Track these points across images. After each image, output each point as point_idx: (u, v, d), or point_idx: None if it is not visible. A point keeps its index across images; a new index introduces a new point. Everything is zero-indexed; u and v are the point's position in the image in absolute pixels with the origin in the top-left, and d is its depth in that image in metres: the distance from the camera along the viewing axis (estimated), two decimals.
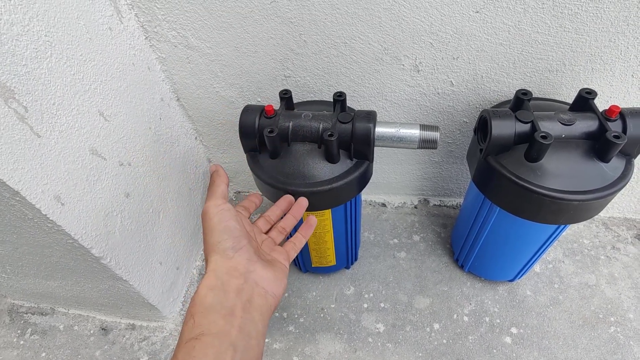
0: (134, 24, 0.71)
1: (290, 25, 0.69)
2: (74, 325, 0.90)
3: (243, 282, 0.40)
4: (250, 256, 0.43)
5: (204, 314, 0.37)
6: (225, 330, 0.36)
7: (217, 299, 0.38)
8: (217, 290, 0.38)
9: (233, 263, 0.41)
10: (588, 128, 0.60)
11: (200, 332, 0.35)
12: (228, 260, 0.41)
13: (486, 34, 0.66)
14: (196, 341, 0.35)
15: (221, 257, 0.41)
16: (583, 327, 0.83)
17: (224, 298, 0.38)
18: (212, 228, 0.45)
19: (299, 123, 0.64)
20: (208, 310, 0.37)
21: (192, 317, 0.37)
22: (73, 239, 0.59)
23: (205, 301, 0.37)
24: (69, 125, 0.57)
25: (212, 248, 0.43)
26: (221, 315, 0.37)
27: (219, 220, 0.45)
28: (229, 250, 0.42)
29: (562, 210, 0.59)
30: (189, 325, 0.36)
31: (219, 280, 0.39)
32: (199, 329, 0.36)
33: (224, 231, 0.44)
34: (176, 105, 0.86)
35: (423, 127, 0.62)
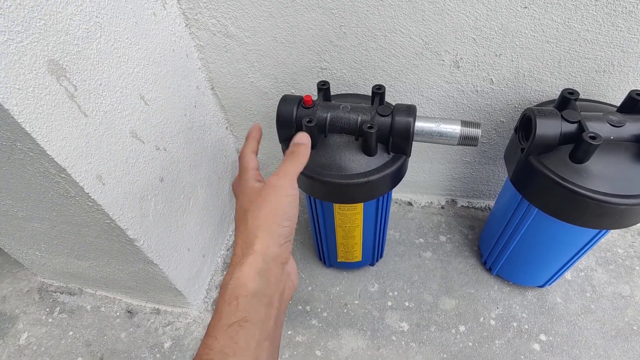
0: (176, 11, 0.72)
1: (331, 15, 0.68)
2: (100, 307, 0.92)
3: (281, 272, 0.39)
4: (291, 247, 0.43)
5: (249, 299, 0.35)
6: (265, 320, 0.35)
7: (262, 285, 0.36)
8: (263, 275, 0.37)
9: (281, 251, 0.39)
10: (638, 130, 0.57)
11: (244, 317, 0.34)
12: (278, 247, 0.39)
13: (532, 31, 0.64)
14: (240, 328, 0.33)
15: (273, 242, 0.39)
16: (616, 338, 0.80)
17: (267, 286, 0.37)
18: (278, 208, 0.40)
19: (337, 114, 0.63)
20: (253, 296, 0.35)
21: (236, 298, 0.35)
22: (111, 219, 0.60)
23: (251, 285, 0.36)
24: (113, 106, 0.58)
25: (267, 228, 0.39)
26: (263, 304, 0.36)
27: (289, 204, 0.41)
28: (282, 238, 0.40)
29: (607, 214, 0.57)
30: (232, 307, 0.35)
31: (266, 266, 0.37)
32: (242, 314, 0.34)
33: (288, 218, 0.40)
34: (210, 94, 0.87)
35: (464, 123, 0.61)
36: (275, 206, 0.40)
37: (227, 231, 1.02)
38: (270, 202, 0.40)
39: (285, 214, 0.40)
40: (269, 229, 0.39)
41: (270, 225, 0.39)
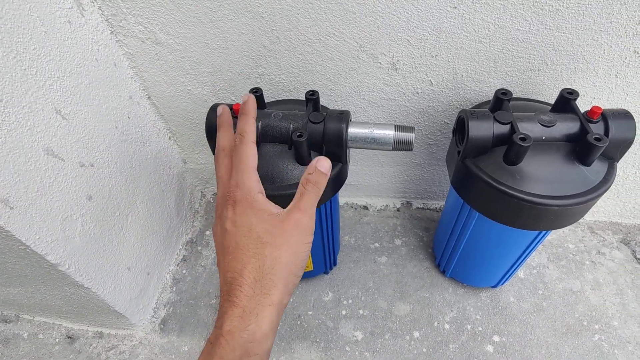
0: (98, 18, 0.67)
1: (261, 20, 0.66)
2: (38, 333, 0.86)
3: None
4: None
5: (260, 358, 0.32)
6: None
7: (272, 341, 0.34)
8: (274, 331, 0.34)
9: (287, 302, 0.36)
10: (569, 130, 0.57)
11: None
12: (288, 297, 0.35)
13: (465, 31, 0.63)
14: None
15: (287, 293, 0.35)
16: (567, 335, 0.80)
17: (273, 340, 0.34)
18: (298, 255, 0.36)
19: (269, 123, 0.60)
20: (265, 355, 0.33)
21: (248, 356, 0.31)
22: (25, 245, 0.56)
23: (267, 344, 0.33)
24: (20, 123, 0.53)
25: (285, 278, 0.35)
26: (267, 357, 0.34)
27: (307, 252, 0.37)
28: (293, 288, 0.36)
29: (541, 216, 0.57)
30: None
31: (278, 320, 0.34)
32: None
33: (303, 267, 0.37)
34: (147, 104, 0.83)
35: (398, 127, 0.59)
36: (296, 251, 0.36)
37: (175, 246, 0.98)
38: (292, 244, 0.35)
39: (302, 263, 0.36)
40: (286, 280, 0.35)
41: (288, 275, 0.35)
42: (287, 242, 0.35)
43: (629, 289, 0.86)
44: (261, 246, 0.35)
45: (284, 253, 0.35)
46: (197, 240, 1.01)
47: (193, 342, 0.83)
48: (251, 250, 0.35)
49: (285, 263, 0.34)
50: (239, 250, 0.35)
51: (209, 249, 0.99)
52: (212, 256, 0.98)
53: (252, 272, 0.34)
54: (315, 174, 0.40)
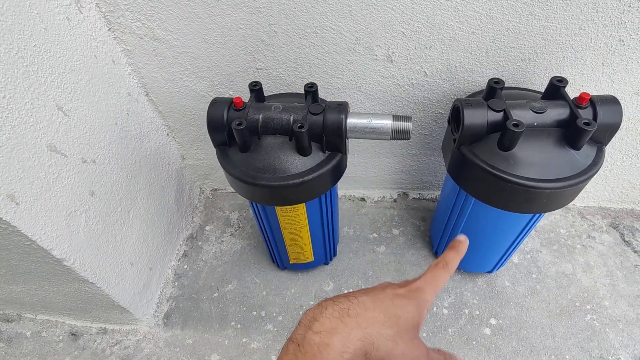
0: (95, 14, 0.68)
1: (258, 14, 0.67)
2: (41, 332, 0.87)
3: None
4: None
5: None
6: None
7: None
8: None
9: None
10: (559, 116, 0.59)
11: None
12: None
13: (458, 23, 0.65)
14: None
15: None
16: (560, 315, 0.83)
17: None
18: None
19: (269, 115, 0.62)
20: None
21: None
22: (30, 240, 0.56)
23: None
24: (23, 119, 0.54)
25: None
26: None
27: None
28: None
29: (534, 199, 0.59)
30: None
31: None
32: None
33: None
34: (145, 101, 0.83)
35: (395, 117, 0.61)
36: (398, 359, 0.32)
37: (176, 241, 0.99)
38: (403, 355, 0.31)
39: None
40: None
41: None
42: (406, 350, 0.32)
43: (618, 271, 0.89)
44: (394, 321, 0.32)
45: (399, 348, 0.31)
46: (197, 235, 1.02)
47: (197, 335, 0.84)
48: (386, 312, 0.32)
49: (393, 353, 0.31)
50: (379, 301, 0.33)
51: (209, 244, 1.00)
52: (212, 251, 0.99)
53: (375, 320, 0.31)
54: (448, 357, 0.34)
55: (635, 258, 0.91)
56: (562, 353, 0.78)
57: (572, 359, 0.77)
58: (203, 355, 0.81)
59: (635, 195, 0.98)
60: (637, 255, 0.92)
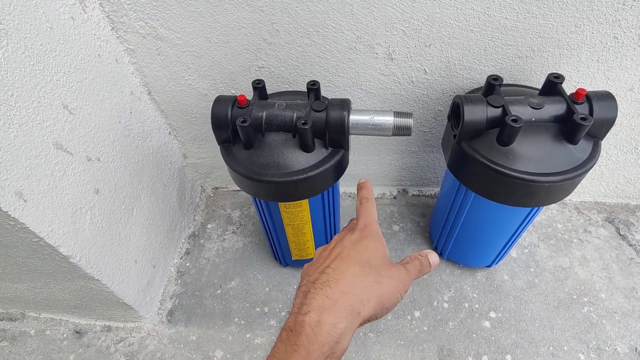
0: (99, 14, 0.69)
1: (261, 13, 0.68)
2: (45, 330, 0.87)
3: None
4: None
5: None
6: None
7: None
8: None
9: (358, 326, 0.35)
10: (556, 111, 0.61)
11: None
12: (365, 321, 0.35)
13: (457, 21, 0.66)
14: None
15: (369, 317, 0.34)
16: (558, 308, 0.85)
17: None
18: (398, 297, 0.36)
19: (273, 112, 0.63)
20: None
21: (332, 355, 0.31)
22: (38, 237, 0.57)
23: (344, 349, 0.33)
24: (30, 118, 0.55)
25: (378, 306, 0.34)
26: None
27: (401, 298, 0.37)
28: (374, 319, 0.35)
29: (534, 193, 0.60)
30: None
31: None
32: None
33: (390, 309, 0.36)
34: (147, 99, 0.84)
35: (397, 113, 0.62)
36: (393, 294, 0.36)
37: (178, 239, 0.99)
38: (392, 287, 0.36)
39: (391, 307, 0.36)
40: (376, 306, 0.34)
41: (380, 304, 0.34)
42: (391, 280, 0.36)
43: (614, 264, 0.91)
44: (369, 266, 0.36)
45: (385, 285, 0.35)
46: (200, 233, 1.03)
47: (201, 331, 0.85)
48: (359, 264, 0.36)
49: (384, 293, 0.35)
50: (349, 258, 0.37)
51: (211, 242, 1.01)
52: (214, 249, 1.00)
53: (355, 276, 0.34)
54: (425, 261, 0.40)
55: (631, 251, 0.93)
56: (560, 345, 0.80)
57: (570, 350, 0.79)
58: (207, 351, 0.82)
59: (630, 190, 1.00)
60: (632, 249, 0.94)
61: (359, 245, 0.38)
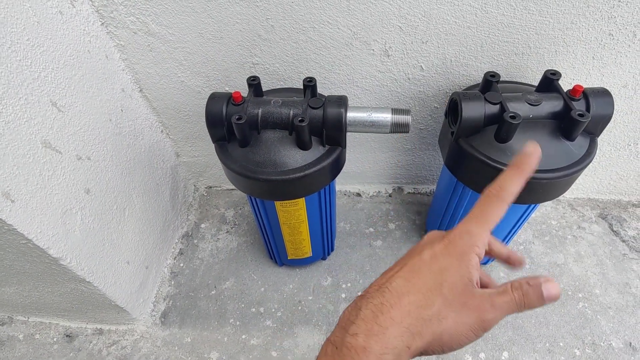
0: (88, 8, 0.67)
1: (255, 8, 0.66)
2: (34, 334, 0.85)
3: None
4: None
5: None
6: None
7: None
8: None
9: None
10: (554, 108, 0.61)
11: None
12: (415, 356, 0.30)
13: (454, 17, 0.66)
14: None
15: (420, 352, 0.29)
16: (553, 304, 0.85)
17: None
18: (455, 343, 0.29)
19: (269, 109, 0.62)
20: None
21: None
22: (27, 239, 0.55)
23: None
24: (17, 115, 0.53)
25: (434, 341, 0.29)
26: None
27: (463, 343, 0.29)
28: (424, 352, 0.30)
29: (531, 189, 0.60)
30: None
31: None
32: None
33: (449, 348, 0.30)
34: (139, 97, 0.82)
35: (394, 111, 0.62)
36: (460, 330, 0.29)
37: (171, 239, 0.98)
38: (461, 323, 0.29)
39: (453, 345, 0.30)
40: (430, 344, 0.29)
41: (435, 340, 0.29)
42: (460, 316, 0.29)
43: (608, 260, 0.92)
44: (437, 294, 0.30)
45: (451, 319, 0.29)
46: (193, 233, 1.01)
47: (195, 333, 0.84)
48: (426, 287, 0.30)
49: (446, 328, 0.29)
50: (416, 277, 0.30)
51: (205, 241, 1.00)
52: (208, 249, 0.98)
53: (412, 305, 0.29)
54: (533, 289, 0.29)
55: (624, 247, 0.94)
56: (556, 340, 0.80)
57: (566, 346, 0.79)
58: (202, 353, 0.81)
59: (622, 187, 1.01)
60: (625, 245, 0.94)
61: (437, 262, 0.30)
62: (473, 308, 0.29)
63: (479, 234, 0.30)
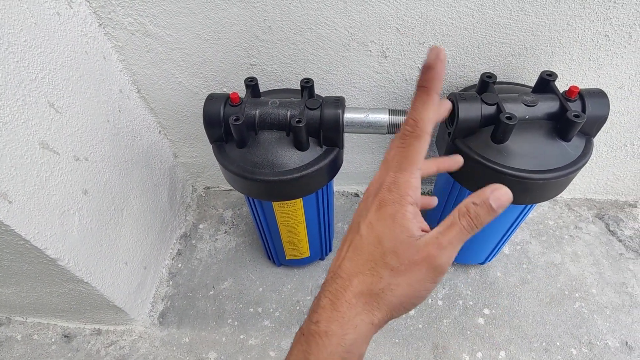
0: (85, 10, 0.67)
1: (253, 9, 0.66)
2: (33, 335, 0.85)
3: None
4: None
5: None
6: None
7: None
8: (366, 348, 0.32)
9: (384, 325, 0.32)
10: (550, 109, 0.61)
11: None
12: (385, 323, 0.31)
13: (450, 18, 0.66)
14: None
15: (388, 319, 0.31)
16: (550, 304, 0.86)
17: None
18: (416, 295, 0.30)
19: (266, 110, 0.62)
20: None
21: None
22: (24, 240, 0.55)
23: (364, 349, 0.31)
24: (14, 116, 0.53)
25: (394, 311, 0.30)
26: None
27: (425, 297, 0.30)
28: (397, 316, 0.31)
29: (528, 190, 0.60)
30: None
31: (370, 339, 0.31)
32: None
33: (414, 306, 0.31)
34: (137, 98, 0.82)
35: (392, 112, 0.62)
36: (416, 288, 0.30)
37: (169, 240, 0.98)
38: (415, 280, 0.30)
39: (418, 301, 0.31)
40: (393, 309, 0.30)
41: (398, 305, 0.30)
42: (411, 276, 0.30)
43: (605, 259, 0.92)
44: (382, 266, 0.30)
45: (402, 284, 0.30)
46: (191, 234, 1.01)
47: (194, 333, 0.84)
48: (370, 263, 0.31)
49: (400, 295, 0.30)
50: (359, 256, 0.31)
51: (203, 242, 1.00)
52: (206, 249, 0.98)
53: (362, 284, 0.30)
54: (481, 207, 0.27)
55: (620, 247, 0.95)
56: (553, 340, 0.81)
57: (563, 345, 0.80)
58: (200, 353, 0.81)
59: (619, 187, 1.01)
60: (621, 244, 0.95)
61: (372, 233, 0.31)
62: (421, 262, 0.28)
63: (407, 180, 0.30)
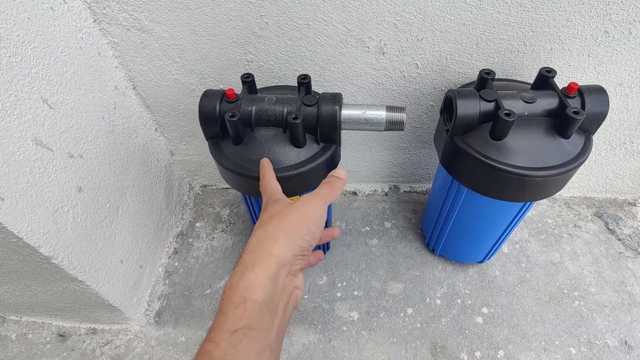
0: (80, 5, 0.66)
1: (250, 5, 0.66)
2: (27, 334, 0.84)
3: (290, 282, 0.37)
4: (304, 263, 0.41)
5: (257, 305, 0.33)
6: (268, 329, 0.34)
7: (271, 292, 0.35)
8: (273, 282, 0.35)
9: (294, 261, 0.37)
10: (549, 105, 0.60)
11: (248, 324, 0.32)
12: (292, 257, 0.37)
13: (449, 14, 0.66)
14: (243, 336, 0.32)
15: (290, 251, 0.37)
16: (549, 303, 0.85)
17: (274, 293, 0.35)
18: (304, 221, 0.39)
19: (262, 107, 0.61)
20: (262, 302, 0.34)
21: (244, 302, 0.33)
22: (17, 237, 0.54)
23: (262, 292, 0.34)
24: (7, 112, 0.52)
25: (288, 236, 0.37)
26: (268, 312, 0.34)
27: (315, 222, 0.39)
28: (299, 249, 0.38)
29: (526, 187, 0.60)
30: (239, 311, 0.33)
31: (277, 272, 0.36)
32: (247, 320, 0.33)
33: (310, 233, 0.39)
34: (133, 94, 0.81)
35: (389, 108, 0.61)
36: (301, 218, 0.39)
37: (166, 238, 0.97)
38: (297, 214, 0.39)
39: (309, 229, 0.39)
40: (289, 237, 0.37)
41: (291, 233, 0.38)
42: (293, 212, 0.39)
43: (604, 258, 0.92)
44: (268, 219, 0.39)
45: (288, 218, 0.38)
46: (188, 232, 1.01)
47: (190, 332, 0.83)
48: (261, 226, 0.39)
49: (289, 225, 0.38)
50: (253, 232, 0.39)
51: (200, 240, 0.99)
52: (203, 247, 0.98)
53: (256, 237, 0.38)
54: (330, 176, 0.47)
55: (619, 245, 0.94)
56: (552, 339, 0.80)
57: (562, 344, 0.79)
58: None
59: (618, 185, 1.01)
60: (621, 243, 0.95)
61: (266, 218, 0.41)
62: (300, 202, 0.40)
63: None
